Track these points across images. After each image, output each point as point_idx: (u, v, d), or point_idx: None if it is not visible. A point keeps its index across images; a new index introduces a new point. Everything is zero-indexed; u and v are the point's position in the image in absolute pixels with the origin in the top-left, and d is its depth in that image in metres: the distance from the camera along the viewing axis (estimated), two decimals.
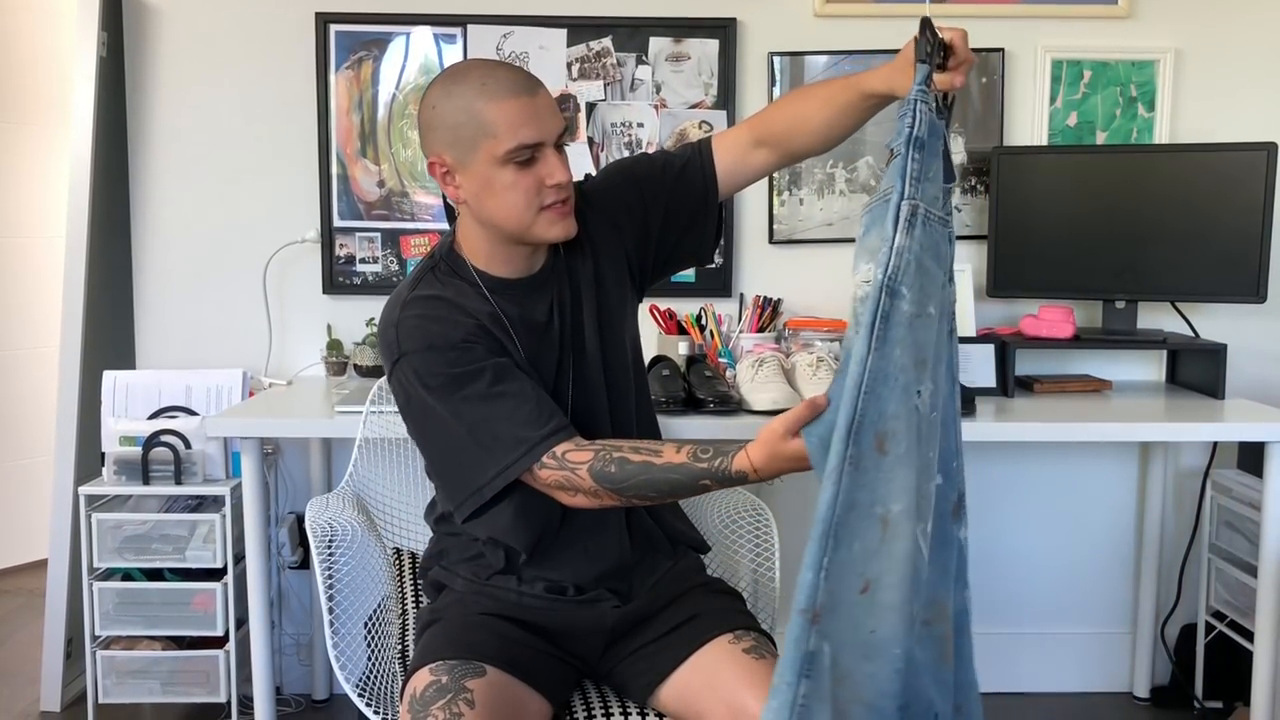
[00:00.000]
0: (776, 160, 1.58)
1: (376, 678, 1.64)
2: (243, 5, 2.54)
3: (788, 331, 2.47)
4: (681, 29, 2.54)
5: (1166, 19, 2.55)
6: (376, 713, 1.58)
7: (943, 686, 1.32)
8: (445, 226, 2.44)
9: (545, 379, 1.51)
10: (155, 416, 2.41)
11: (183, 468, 2.33)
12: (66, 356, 2.48)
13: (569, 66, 2.55)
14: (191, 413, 2.42)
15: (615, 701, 1.57)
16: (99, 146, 2.48)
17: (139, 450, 2.33)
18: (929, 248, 1.20)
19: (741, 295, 2.59)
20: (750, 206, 2.59)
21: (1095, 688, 2.71)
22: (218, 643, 2.38)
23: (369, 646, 1.68)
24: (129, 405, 2.43)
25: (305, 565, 2.63)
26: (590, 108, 2.56)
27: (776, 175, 2.54)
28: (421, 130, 1.47)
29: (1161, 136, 2.56)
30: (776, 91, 2.55)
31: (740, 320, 2.52)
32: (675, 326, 2.41)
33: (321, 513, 1.77)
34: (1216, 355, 2.32)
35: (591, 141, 2.57)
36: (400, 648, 1.73)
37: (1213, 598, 2.52)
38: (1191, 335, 2.52)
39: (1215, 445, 2.53)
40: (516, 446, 1.40)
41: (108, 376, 2.44)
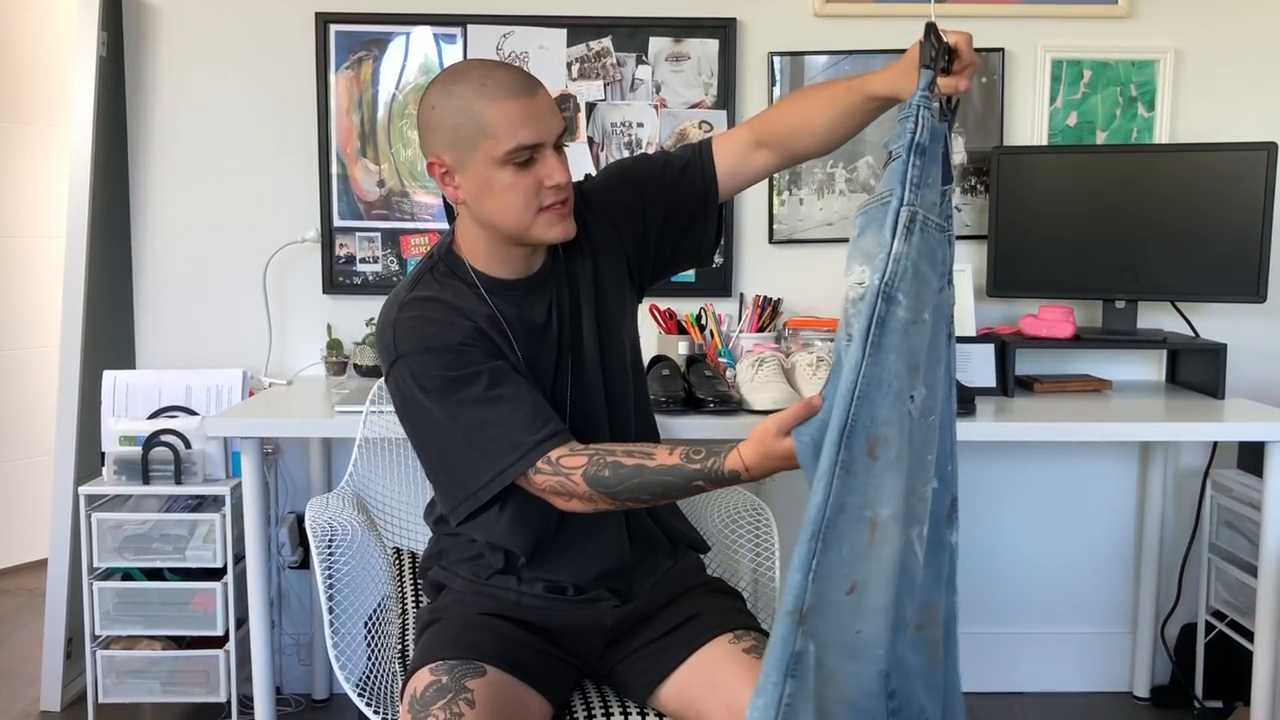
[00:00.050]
0: (778, 162, 1.58)
1: (376, 677, 1.64)
2: (243, 5, 2.54)
3: (788, 331, 2.47)
4: (681, 29, 2.54)
5: (1166, 19, 2.55)
6: (377, 712, 1.58)
7: (933, 691, 1.33)
8: (445, 226, 2.45)
9: (543, 381, 1.51)
10: (155, 416, 2.41)
11: (183, 467, 2.33)
12: (66, 356, 2.48)
13: (569, 66, 2.55)
14: (191, 412, 2.42)
15: (615, 701, 1.57)
16: (99, 146, 2.48)
17: (139, 450, 2.33)
18: (925, 254, 1.20)
19: (741, 295, 2.59)
20: (750, 206, 2.59)
21: (1095, 688, 2.71)
22: (218, 642, 2.38)
23: (369, 646, 1.68)
24: (129, 405, 2.43)
25: (305, 565, 2.63)
26: (590, 108, 2.56)
27: (776, 175, 2.54)
28: (421, 130, 1.47)
29: (1161, 136, 2.56)
30: (776, 91, 2.55)
31: (740, 320, 2.52)
32: (675, 326, 2.41)
33: (321, 512, 1.77)
34: (1216, 355, 2.32)
35: (591, 141, 2.57)
36: (400, 647, 1.73)
37: (1213, 597, 2.52)
38: (1191, 335, 2.52)
39: (1215, 445, 2.53)
40: (512, 451, 1.40)
41: (108, 376, 2.44)
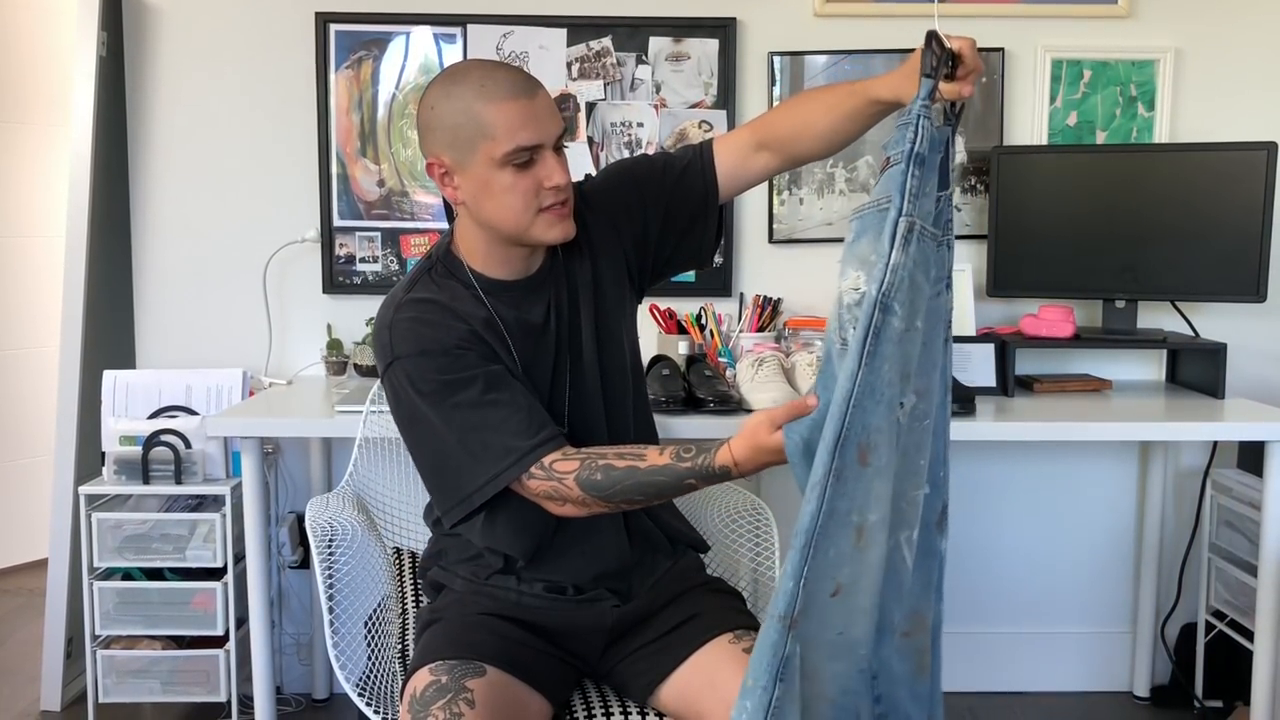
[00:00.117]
0: (779, 164, 1.57)
1: (376, 677, 1.64)
2: (243, 5, 2.54)
3: (788, 331, 2.47)
4: (681, 29, 2.54)
5: (1166, 19, 2.55)
6: (377, 712, 1.58)
7: (919, 700, 1.34)
8: (445, 226, 2.45)
9: (541, 382, 1.51)
10: (155, 416, 2.41)
11: (183, 467, 2.33)
12: (66, 356, 2.48)
13: (569, 66, 2.55)
14: (191, 412, 2.42)
15: (615, 701, 1.57)
16: (99, 146, 2.48)
17: (139, 450, 2.33)
18: (921, 263, 1.21)
19: (741, 295, 2.59)
20: (750, 206, 2.59)
21: (1095, 687, 2.71)
22: (218, 642, 2.38)
23: (369, 646, 1.68)
24: (129, 405, 2.43)
25: (305, 565, 2.63)
26: (590, 107, 2.56)
27: (776, 175, 2.54)
28: (420, 131, 1.47)
29: (1161, 136, 2.56)
30: (776, 91, 2.55)
31: (740, 320, 2.52)
32: (675, 326, 2.41)
33: (321, 512, 1.77)
34: (1216, 355, 2.32)
35: (591, 141, 2.57)
36: (400, 647, 1.73)
37: (1213, 597, 2.52)
38: (1191, 335, 2.52)
39: (1215, 445, 2.53)
40: (506, 456, 1.40)
41: (108, 376, 2.44)
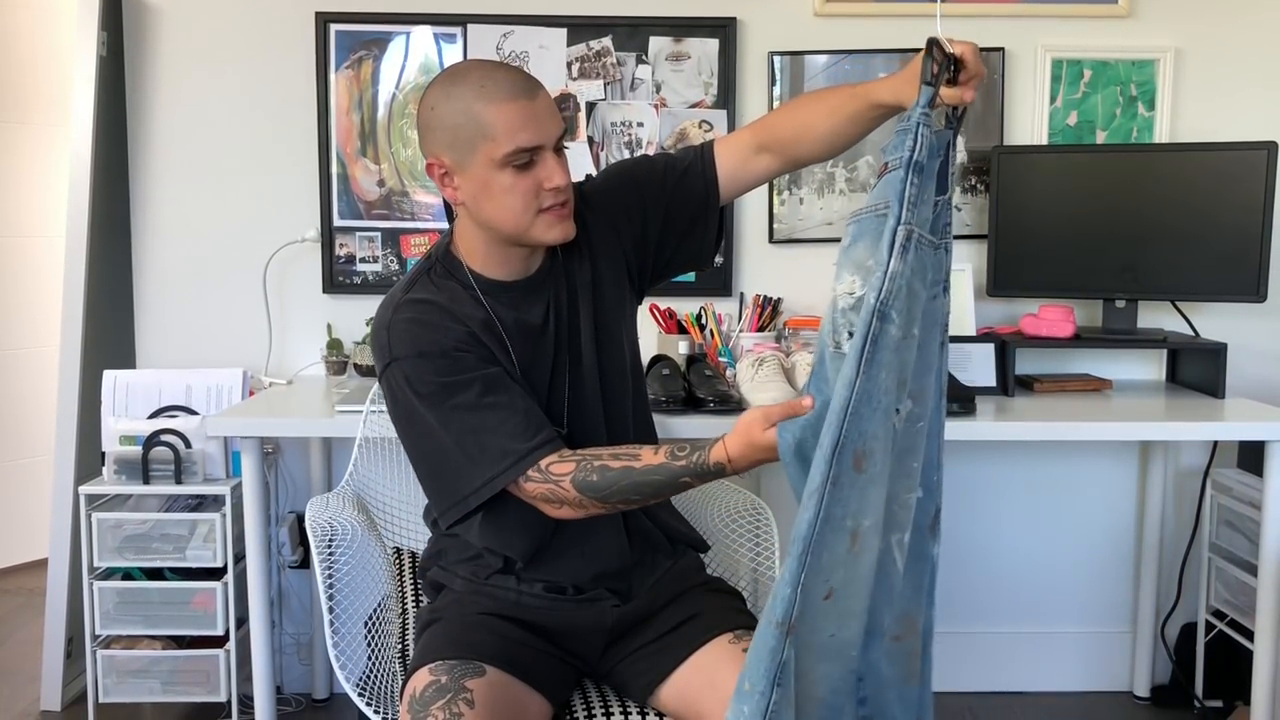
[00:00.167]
0: (779, 166, 1.57)
1: (377, 677, 1.64)
2: (243, 5, 2.54)
3: (788, 331, 2.47)
4: (681, 28, 2.54)
5: (1166, 18, 2.55)
6: (377, 712, 1.58)
7: (907, 705, 1.34)
8: (445, 226, 2.45)
9: (540, 383, 1.51)
10: (155, 416, 2.41)
11: (183, 467, 2.33)
12: (66, 356, 2.48)
13: (569, 66, 2.55)
14: (192, 412, 2.42)
15: (615, 701, 1.57)
16: (99, 146, 2.48)
17: (139, 450, 2.33)
18: (919, 271, 1.21)
19: (741, 294, 2.59)
20: (750, 206, 2.59)
21: (1095, 687, 2.71)
22: (218, 642, 2.38)
23: (369, 646, 1.68)
24: (129, 404, 2.43)
25: (305, 565, 2.63)
26: (590, 107, 2.56)
27: (777, 177, 2.54)
28: (420, 131, 1.47)
29: (1161, 136, 2.56)
30: (776, 91, 2.55)
31: (740, 319, 2.52)
32: (675, 326, 2.41)
33: (322, 512, 1.77)
34: (1217, 354, 2.32)
35: (591, 141, 2.57)
36: (400, 647, 1.73)
37: (1213, 597, 2.52)
38: (1192, 334, 2.52)
39: (1215, 444, 2.53)
40: (503, 458, 1.41)
41: (108, 376, 2.44)
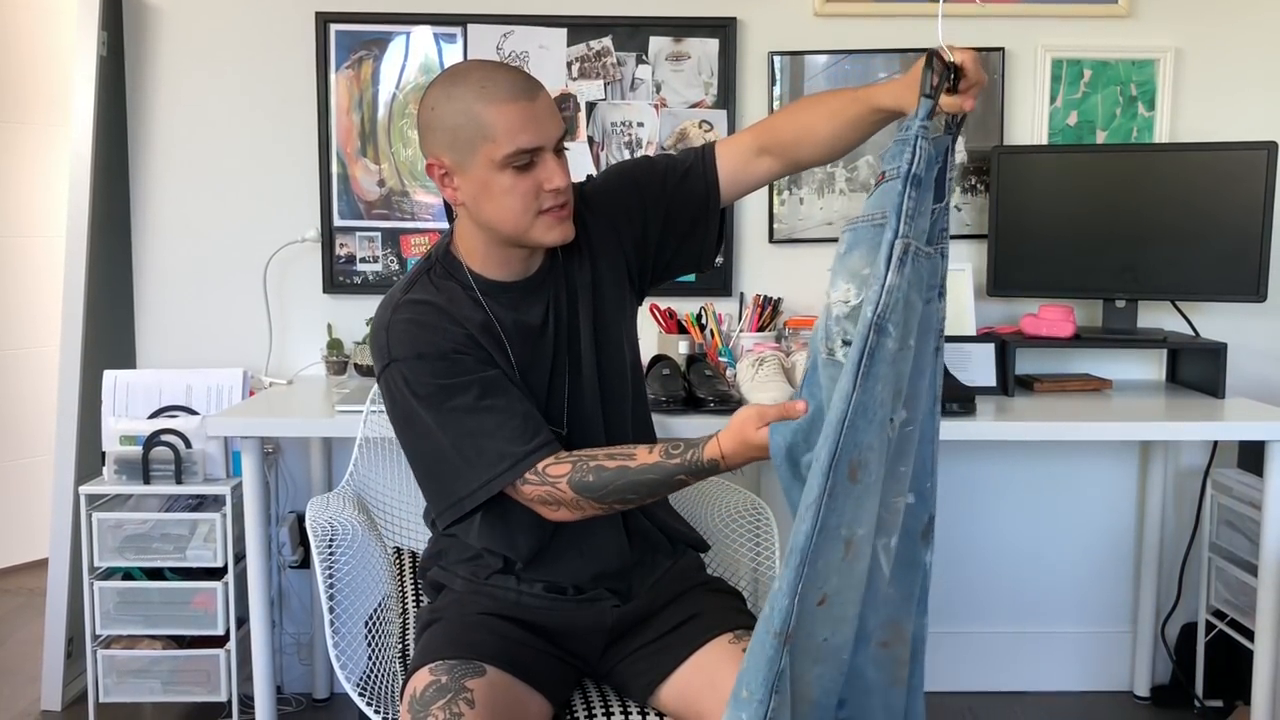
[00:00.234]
0: (780, 169, 1.56)
1: (377, 677, 1.64)
2: (243, 5, 2.54)
3: (788, 331, 2.47)
4: (681, 28, 2.54)
5: (1166, 18, 2.55)
6: (377, 712, 1.58)
7: (891, 712, 1.35)
8: (445, 226, 2.44)
9: (539, 384, 1.51)
10: (155, 416, 2.41)
11: (183, 467, 2.33)
12: (66, 356, 2.48)
13: (569, 66, 2.55)
14: (192, 412, 2.42)
15: (615, 701, 1.57)
16: (99, 146, 2.48)
17: (139, 449, 2.33)
18: (915, 284, 1.22)
19: (741, 294, 2.59)
20: (750, 206, 2.59)
21: (1095, 687, 2.71)
22: (218, 642, 2.38)
23: (369, 646, 1.68)
24: (129, 404, 2.43)
25: (306, 564, 2.64)
26: (590, 107, 2.56)
27: (777, 179, 2.54)
28: (421, 131, 1.47)
29: (1162, 136, 2.56)
30: (776, 91, 2.55)
31: (740, 319, 2.52)
32: (675, 325, 2.41)
33: (322, 512, 1.77)
34: (1217, 354, 2.32)
35: (591, 141, 2.57)
36: (401, 647, 1.73)
37: (1213, 597, 2.52)
38: (1192, 334, 2.52)
39: (1215, 444, 2.53)
40: (500, 461, 1.41)
41: (108, 376, 2.44)
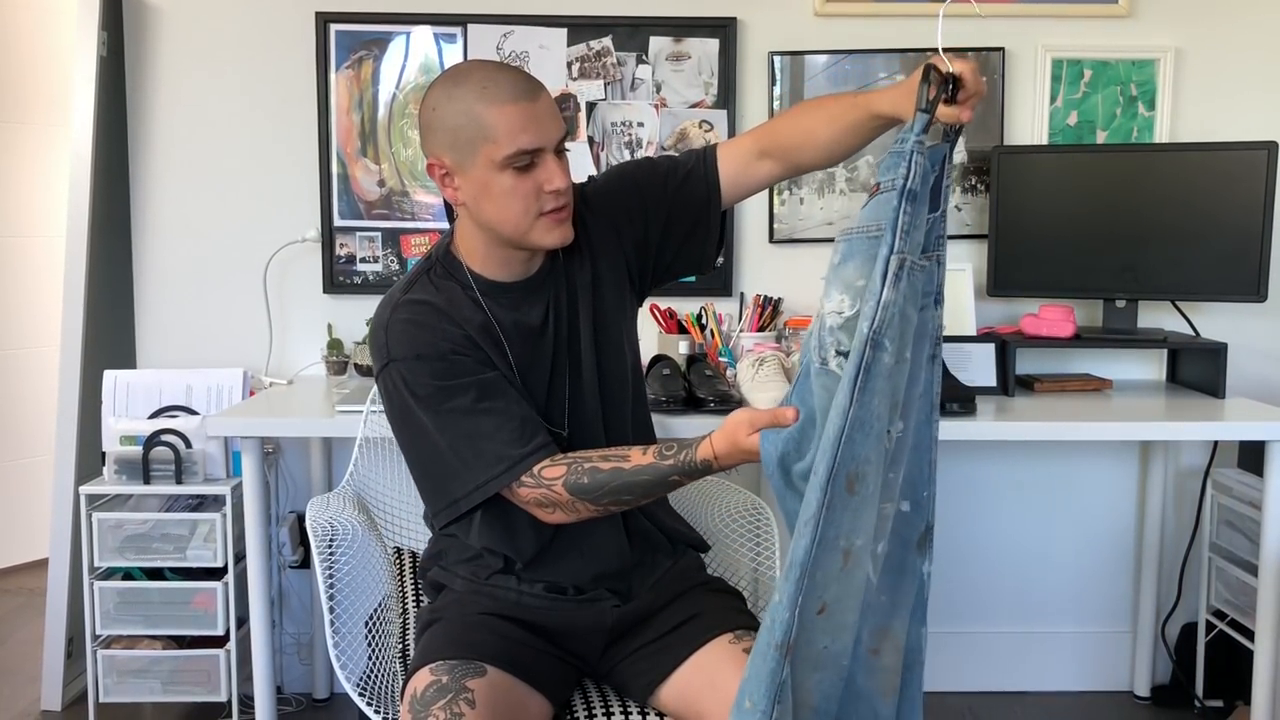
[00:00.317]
0: (781, 172, 1.56)
1: (377, 677, 1.64)
2: (243, 5, 2.54)
3: (788, 331, 2.47)
4: (681, 28, 2.54)
5: (1167, 18, 2.55)
6: (377, 712, 1.58)
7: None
8: (445, 226, 2.44)
9: (539, 385, 1.51)
10: (156, 416, 2.41)
11: (183, 467, 2.33)
12: (67, 356, 2.48)
13: (569, 66, 2.55)
14: (192, 412, 2.42)
15: (616, 701, 1.57)
16: (99, 146, 2.48)
17: (139, 449, 2.33)
18: (911, 297, 1.22)
19: (742, 294, 2.59)
20: (751, 206, 2.59)
21: (1095, 687, 2.71)
22: (218, 642, 2.38)
23: (370, 646, 1.68)
24: (129, 404, 2.43)
25: (306, 564, 2.64)
26: (590, 107, 2.56)
27: (778, 183, 2.54)
28: (422, 131, 1.47)
29: (1162, 136, 2.56)
30: (777, 90, 2.55)
31: (740, 319, 2.52)
32: (675, 326, 2.41)
33: (322, 512, 1.77)
34: (1217, 354, 2.32)
35: (592, 141, 2.57)
36: (401, 647, 1.73)
37: (1213, 596, 2.52)
38: (1192, 334, 2.52)
39: (1216, 444, 2.53)
40: (497, 463, 1.41)
41: (108, 376, 2.44)
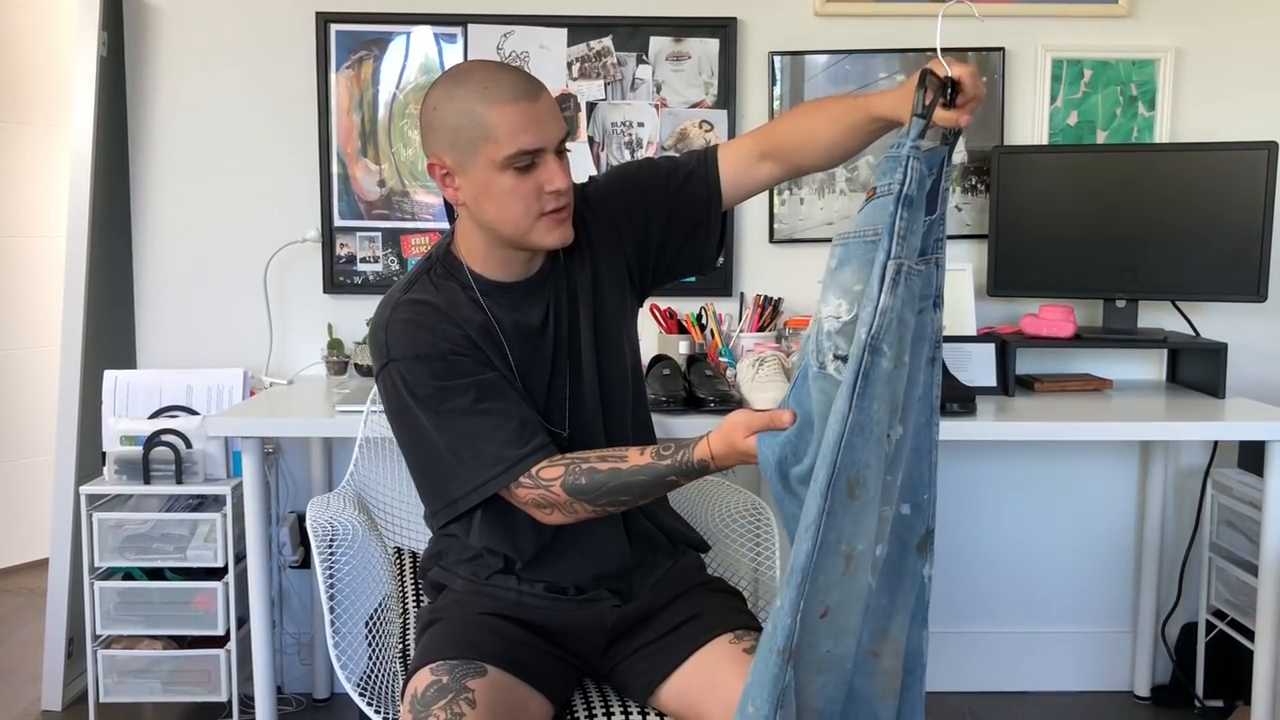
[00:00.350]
0: (781, 174, 1.56)
1: (377, 677, 1.64)
2: (243, 5, 2.54)
3: (788, 331, 2.47)
4: (682, 28, 2.54)
5: (1167, 18, 2.55)
6: (378, 712, 1.58)
7: None
8: (446, 226, 2.45)
9: (538, 385, 1.51)
10: (156, 416, 2.41)
11: (183, 467, 2.33)
12: (67, 356, 2.48)
13: (569, 66, 2.55)
14: (192, 412, 2.42)
15: (616, 701, 1.57)
16: (99, 146, 2.48)
17: (140, 450, 2.33)
18: (909, 302, 1.22)
19: (742, 294, 2.59)
20: (751, 206, 2.59)
21: (1096, 687, 2.71)
22: (219, 642, 2.38)
23: (370, 646, 1.68)
24: (130, 404, 2.43)
25: (306, 564, 2.64)
26: (591, 107, 2.56)
27: (778, 184, 2.54)
28: (423, 131, 1.47)
29: (1162, 136, 2.56)
30: (777, 90, 2.55)
31: (741, 319, 2.52)
32: (676, 326, 2.41)
33: (322, 512, 1.77)
34: (1217, 354, 2.32)
35: (592, 141, 2.57)
36: (401, 647, 1.73)
37: (1213, 596, 2.52)
38: (1192, 334, 2.52)
39: (1216, 444, 2.53)
40: (495, 464, 1.41)
41: (108, 376, 2.44)
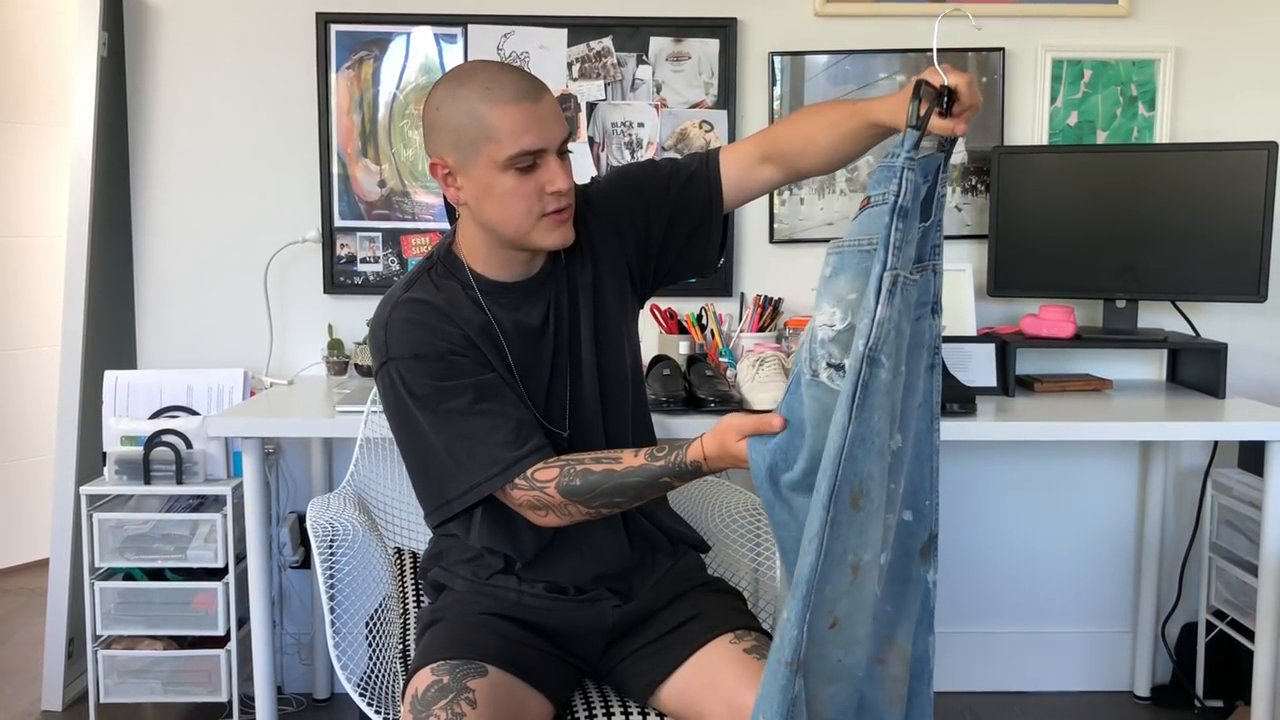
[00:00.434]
0: (782, 177, 1.57)
1: (378, 677, 1.64)
2: (243, 5, 2.54)
3: (788, 331, 2.47)
4: (682, 29, 2.54)
5: (1167, 18, 2.55)
6: (378, 712, 1.58)
7: None
8: (446, 226, 2.44)
9: (538, 386, 1.52)
10: (156, 416, 2.41)
11: (184, 467, 2.33)
12: (67, 356, 2.48)
13: (569, 66, 2.55)
14: (192, 412, 2.42)
15: (616, 701, 1.57)
16: (99, 146, 2.48)
17: (140, 450, 2.33)
18: (905, 311, 1.22)
19: (742, 295, 2.59)
20: (751, 206, 2.57)
21: (1095, 687, 2.71)
22: (219, 642, 2.38)
23: (370, 646, 1.68)
24: (130, 405, 2.43)
25: (306, 565, 2.64)
26: (591, 107, 2.56)
27: (778, 187, 2.55)
28: (425, 130, 1.47)
29: (1162, 136, 2.56)
30: (777, 91, 2.55)
31: (741, 320, 2.52)
32: (676, 326, 2.41)
33: (323, 512, 1.77)
34: (1217, 354, 2.32)
35: (592, 141, 2.57)
36: (401, 647, 1.73)
37: (1213, 597, 2.52)
38: (1192, 334, 2.52)
39: (1216, 444, 2.53)
40: (491, 466, 1.42)
41: (109, 376, 2.44)
